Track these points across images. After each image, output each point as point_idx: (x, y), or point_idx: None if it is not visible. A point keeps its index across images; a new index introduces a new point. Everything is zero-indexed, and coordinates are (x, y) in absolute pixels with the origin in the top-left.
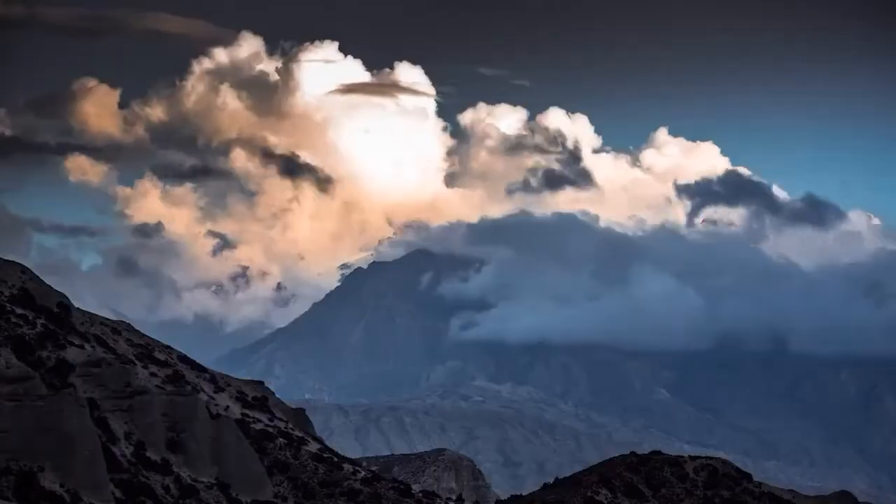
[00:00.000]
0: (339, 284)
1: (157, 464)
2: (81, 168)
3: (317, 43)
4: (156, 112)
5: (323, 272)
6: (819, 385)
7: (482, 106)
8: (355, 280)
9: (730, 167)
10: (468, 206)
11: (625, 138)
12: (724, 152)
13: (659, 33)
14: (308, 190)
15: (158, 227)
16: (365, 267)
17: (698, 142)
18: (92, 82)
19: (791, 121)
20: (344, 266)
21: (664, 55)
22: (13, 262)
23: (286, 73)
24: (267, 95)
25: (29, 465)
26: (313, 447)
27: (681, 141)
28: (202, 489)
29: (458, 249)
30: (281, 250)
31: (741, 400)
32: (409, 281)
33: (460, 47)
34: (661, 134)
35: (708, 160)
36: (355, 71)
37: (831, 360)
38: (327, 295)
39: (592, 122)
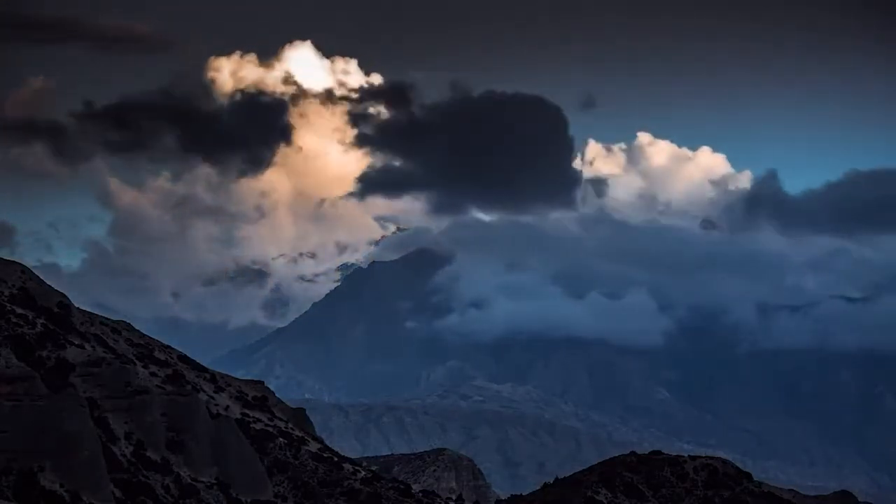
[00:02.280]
0: (338, 284)
1: (157, 464)
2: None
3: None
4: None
5: (323, 272)
6: (819, 384)
7: None
8: (355, 280)
9: None
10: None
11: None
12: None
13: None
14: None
15: (146, 224)
16: (365, 267)
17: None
18: (39, 82)
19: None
20: (344, 266)
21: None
22: (13, 261)
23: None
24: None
25: (29, 465)
26: (313, 447)
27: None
28: (202, 489)
29: (458, 249)
30: (279, 249)
31: (741, 400)
32: (408, 280)
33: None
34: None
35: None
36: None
37: (832, 358)
38: (327, 295)
39: None
